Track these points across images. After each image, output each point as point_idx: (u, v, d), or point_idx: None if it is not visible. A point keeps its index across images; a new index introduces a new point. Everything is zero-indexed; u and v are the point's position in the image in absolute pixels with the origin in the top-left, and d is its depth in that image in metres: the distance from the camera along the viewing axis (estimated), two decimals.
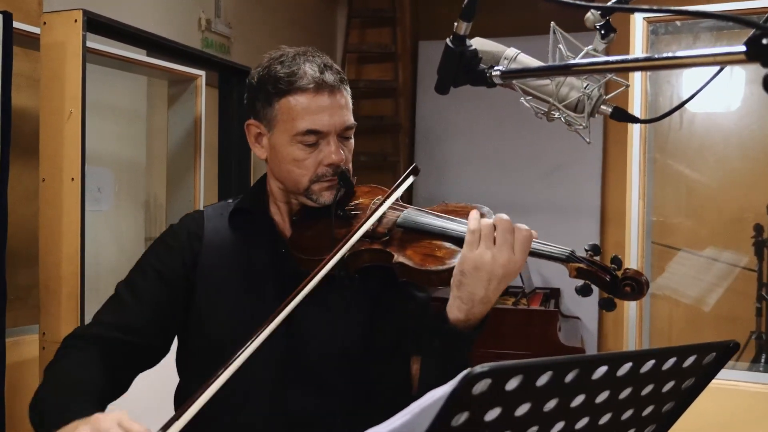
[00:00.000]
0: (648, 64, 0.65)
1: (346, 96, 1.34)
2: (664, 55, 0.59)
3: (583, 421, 0.77)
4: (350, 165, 1.36)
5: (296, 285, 1.20)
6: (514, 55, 0.95)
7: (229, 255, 1.36)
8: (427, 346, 1.23)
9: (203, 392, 1.10)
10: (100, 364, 1.25)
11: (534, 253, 1.15)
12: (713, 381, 0.88)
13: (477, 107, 4.71)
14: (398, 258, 1.22)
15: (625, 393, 0.78)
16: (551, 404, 0.71)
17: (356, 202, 1.38)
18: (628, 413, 0.82)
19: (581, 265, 1.13)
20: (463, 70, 0.84)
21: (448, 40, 0.85)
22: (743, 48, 0.54)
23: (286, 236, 1.38)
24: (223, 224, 1.39)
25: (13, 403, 2.19)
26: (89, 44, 2.33)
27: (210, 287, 1.34)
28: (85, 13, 2.02)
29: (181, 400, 1.35)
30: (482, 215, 1.22)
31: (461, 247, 1.14)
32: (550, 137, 4.52)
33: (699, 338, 3.00)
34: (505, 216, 1.13)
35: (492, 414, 0.66)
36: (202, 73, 3.07)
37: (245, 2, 4.00)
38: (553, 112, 0.93)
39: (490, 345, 3.83)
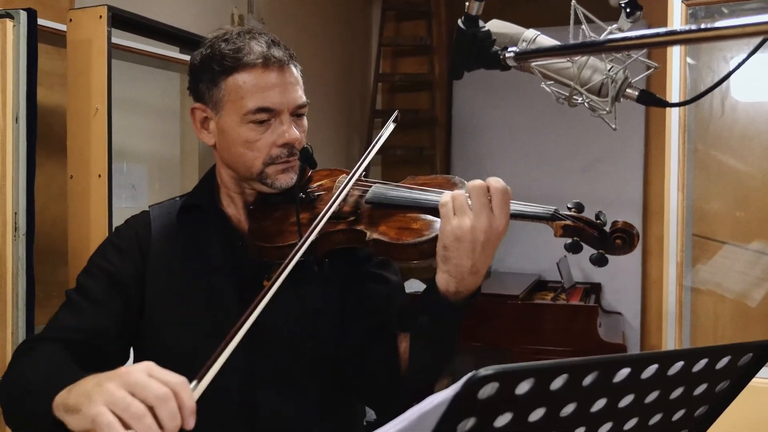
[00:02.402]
0: (670, 39, 0.60)
1: (296, 73, 1.27)
2: (686, 28, 0.53)
3: (606, 427, 0.72)
4: (305, 144, 1.28)
5: (257, 279, 1.15)
6: (533, 36, 0.89)
7: (181, 256, 1.29)
8: (414, 323, 1.15)
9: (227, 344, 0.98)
10: (71, 361, 1.13)
11: (516, 215, 1.08)
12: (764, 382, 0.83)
13: (515, 99, 4.61)
14: (372, 235, 1.14)
15: (652, 396, 0.73)
16: (569, 409, 0.66)
17: (318, 183, 1.31)
18: (657, 418, 0.77)
19: (567, 222, 1.07)
20: (476, 52, 0.78)
21: (459, 21, 0.79)
22: None
23: (242, 229, 1.31)
24: (171, 223, 1.32)
25: None
26: (121, 41, 2.35)
27: (162, 292, 1.26)
28: (110, 9, 2.02)
29: None
30: (454, 185, 1.16)
31: (438, 216, 1.07)
32: (590, 129, 4.39)
33: (746, 335, 2.90)
34: (477, 181, 1.06)
35: (503, 420, 0.62)
36: None
37: None
38: (575, 97, 0.88)
39: (528, 341, 3.76)
